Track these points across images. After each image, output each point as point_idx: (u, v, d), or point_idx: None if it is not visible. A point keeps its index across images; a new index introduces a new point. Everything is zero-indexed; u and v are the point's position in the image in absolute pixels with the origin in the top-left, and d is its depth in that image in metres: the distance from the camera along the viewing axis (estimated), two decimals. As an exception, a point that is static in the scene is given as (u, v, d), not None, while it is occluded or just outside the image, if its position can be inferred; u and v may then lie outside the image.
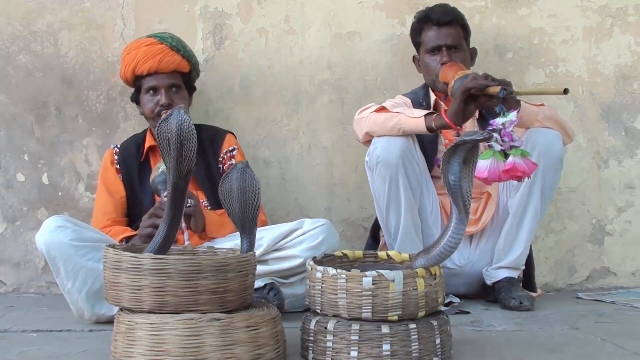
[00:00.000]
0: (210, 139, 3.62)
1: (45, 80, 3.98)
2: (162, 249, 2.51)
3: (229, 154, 3.59)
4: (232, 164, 3.53)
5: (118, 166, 3.56)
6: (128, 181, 3.54)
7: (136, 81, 3.58)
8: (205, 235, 3.35)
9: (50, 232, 3.04)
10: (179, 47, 3.56)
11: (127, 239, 3.33)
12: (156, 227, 2.98)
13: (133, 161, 3.56)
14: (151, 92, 3.54)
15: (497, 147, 2.79)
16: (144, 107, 3.57)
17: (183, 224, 3.06)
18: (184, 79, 3.61)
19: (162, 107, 3.48)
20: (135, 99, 3.64)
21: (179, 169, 2.43)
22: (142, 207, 3.42)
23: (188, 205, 3.13)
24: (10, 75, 3.97)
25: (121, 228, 3.42)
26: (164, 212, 2.52)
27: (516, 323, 3.13)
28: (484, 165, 2.77)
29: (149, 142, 3.58)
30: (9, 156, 3.97)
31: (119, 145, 3.64)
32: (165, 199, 3.09)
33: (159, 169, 3.19)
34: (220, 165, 3.58)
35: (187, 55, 3.58)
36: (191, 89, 3.69)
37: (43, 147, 3.97)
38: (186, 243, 3.05)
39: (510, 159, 2.80)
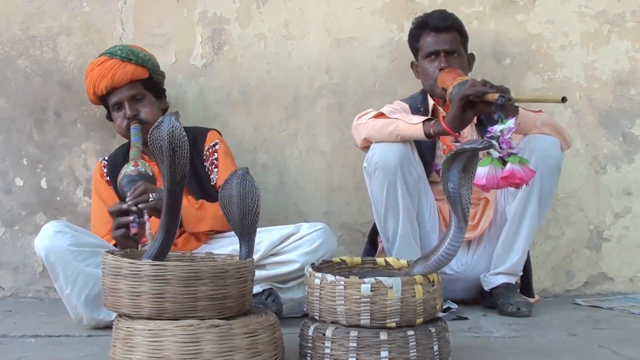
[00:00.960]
0: (191, 140, 3.58)
1: (44, 85, 3.98)
2: (161, 254, 2.51)
3: (211, 149, 3.57)
4: (215, 158, 3.54)
5: (108, 178, 3.55)
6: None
7: (103, 101, 3.59)
8: (185, 230, 3.35)
9: (50, 237, 3.04)
10: (129, 56, 3.50)
11: None
12: (123, 226, 3.02)
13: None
14: (117, 108, 3.53)
15: (495, 155, 2.79)
16: (116, 125, 3.58)
17: (145, 216, 3.04)
18: (146, 85, 3.57)
19: (129, 120, 3.48)
20: (109, 118, 3.65)
21: (173, 175, 2.43)
22: None
23: (150, 199, 3.11)
24: (9, 80, 3.98)
25: None
26: (161, 218, 2.52)
27: (514, 329, 3.14)
28: (482, 172, 2.77)
29: None
30: (7, 160, 3.98)
31: (107, 158, 3.64)
32: (125, 205, 3.09)
33: (121, 173, 3.18)
34: (206, 164, 3.57)
35: (140, 61, 3.53)
36: (158, 93, 3.65)
37: (42, 151, 3.98)
38: (147, 232, 3.02)
39: (508, 166, 2.81)
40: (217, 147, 3.58)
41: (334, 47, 4.05)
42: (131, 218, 3.05)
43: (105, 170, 3.57)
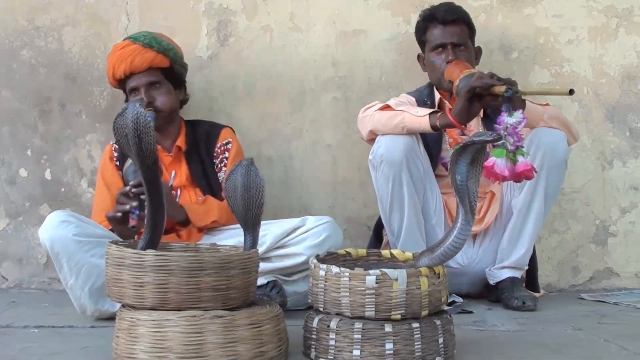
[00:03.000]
0: (205, 135, 3.60)
1: (49, 76, 3.97)
2: (152, 242, 2.51)
3: (222, 148, 3.56)
4: (226, 157, 3.53)
5: (117, 163, 3.52)
6: None
7: (121, 86, 3.57)
8: (194, 227, 3.35)
9: (54, 227, 3.03)
10: (152, 43, 3.48)
11: None
12: (119, 212, 3.04)
13: None
14: (134, 93, 3.51)
15: (510, 147, 2.79)
16: None
17: (136, 210, 3.05)
18: (166, 74, 3.54)
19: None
20: (126, 102, 3.64)
21: (144, 161, 2.42)
22: None
23: None
24: (14, 71, 3.97)
25: None
26: (146, 206, 2.51)
27: (519, 323, 3.13)
28: (502, 164, 2.77)
29: None
30: (12, 152, 3.97)
31: None
32: (128, 187, 3.11)
33: (128, 161, 3.18)
34: (215, 161, 3.56)
35: (161, 49, 3.50)
36: (178, 83, 3.63)
37: (46, 142, 3.97)
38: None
39: (521, 158, 2.80)
40: (229, 146, 3.56)
41: (340, 40, 4.03)
42: (127, 207, 3.05)
43: (115, 154, 3.53)
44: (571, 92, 2.99)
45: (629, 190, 4.06)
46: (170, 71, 3.56)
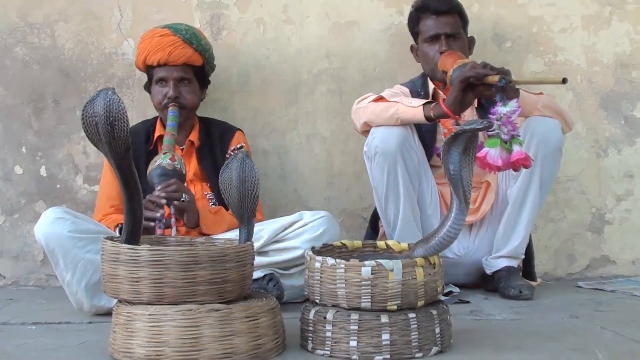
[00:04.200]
0: (220, 134, 3.62)
1: (43, 72, 3.96)
2: (134, 235, 2.49)
3: (235, 151, 3.56)
4: None
5: None
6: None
7: (148, 71, 3.58)
8: (200, 232, 3.34)
9: (49, 224, 3.03)
10: (192, 40, 3.51)
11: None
12: (147, 219, 3.00)
13: (141, 149, 3.51)
14: (160, 83, 3.52)
15: (504, 136, 2.79)
16: (153, 98, 3.57)
17: (173, 219, 3.07)
18: (196, 72, 3.58)
19: (168, 100, 3.48)
20: (148, 88, 3.63)
21: (116, 150, 2.37)
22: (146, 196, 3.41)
23: (182, 199, 3.14)
24: (7, 67, 3.96)
25: (120, 216, 3.38)
26: (123, 197, 2.48)
27: (516, 312, 3.13)
28: (495, 153, 2.77)
29: (159, 131, 3.57)
30: (6, 148, 3.97)
31: None
32: (156, 193, 3.10)
33: (155, 162, 3.17)
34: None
35: (200, 48, 3.54)
36: (204, 83, 3.67)
37: (41, 139, 3.97)
38: (173, 227, 3.07)
39: (517, 148, 2.80)
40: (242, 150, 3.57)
41: (334, 32, 4.03)
42: (158, 215, 3.06)
43: None
44: (564, 80, 2.99)
45: (624, 178, 4.06)
46: (201, 71, 3.60)
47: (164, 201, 3.09)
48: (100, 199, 3.55)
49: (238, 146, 3.59)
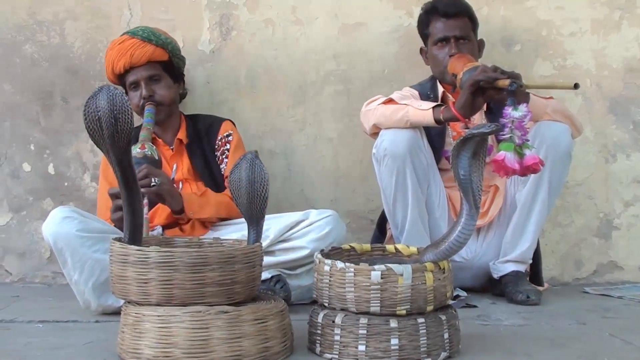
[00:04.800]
0: (206, 128, 3.62)
1: (51, 70, 3.96)
2: (135, 234, 2.49)
3: (224, 140, 3.58)
4: (227, 149, 3.55)
5: None
6: None
7: (120, 81, 3.57)
8: (187, 216, 3.34)
9: (57, 223, 3.03)
10: (150, 37, 3.50)
11: None
12: (120, 209, 2.94)
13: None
14: (133, 87, 3.53)
15: (517, 141, 2.79)
16: (131, 104, 3.55)
17: (145, 208, 3.03)
18: (165, 67, 3.56)
19: (144, 100, 3.48)
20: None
21: (118, 145, 2.37)
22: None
23: (153, 184, 3.13)
24: (16, 65, 3.96)
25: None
26: (121, 194, 2.48)
27: (523, 317, 3.12)
28: (512, 157, 2.77)
29: None
30: (14, 146, 3.97)
31: None
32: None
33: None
34: (217, 153, 3.57)
35: (160, 43, 3.52)
36: (177, 77, 3.64)
37: (49, 137, 3.97)
38: (144, 217, 2.99)
39: (529, 152, 2.80)
40: (230, 138, 3.59)
41: (342, 33, 4.02)
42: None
43: None
44: (576, 86, 2.98)
45: (632, 184, 4.05)
46: (169, 65, 3.58)
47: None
48: (100, 207, 3.53)
49: (225, 134, 3.59)
